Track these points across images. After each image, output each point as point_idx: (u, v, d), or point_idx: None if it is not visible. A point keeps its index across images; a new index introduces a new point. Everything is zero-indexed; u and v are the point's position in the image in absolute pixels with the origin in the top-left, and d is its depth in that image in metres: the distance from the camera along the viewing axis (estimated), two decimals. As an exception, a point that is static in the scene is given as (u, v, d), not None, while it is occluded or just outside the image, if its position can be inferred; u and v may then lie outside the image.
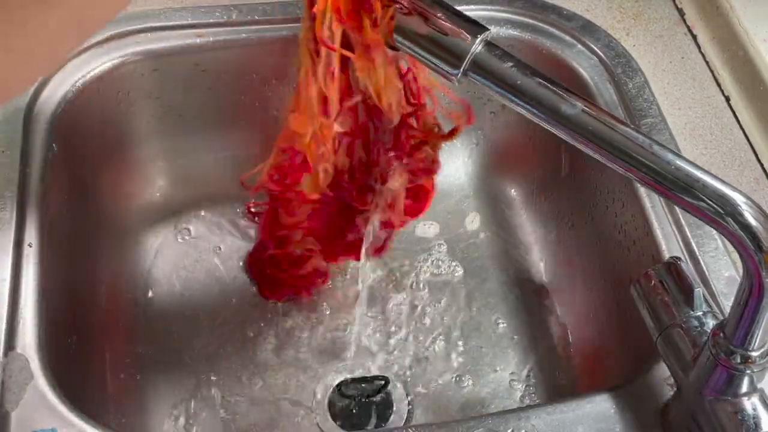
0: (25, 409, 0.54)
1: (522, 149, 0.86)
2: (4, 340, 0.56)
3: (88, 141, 0.76)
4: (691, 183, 0.41)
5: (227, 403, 0.73)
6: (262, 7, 0.78)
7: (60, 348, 0.61)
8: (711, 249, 0.64)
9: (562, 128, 0.43)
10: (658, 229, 0.67)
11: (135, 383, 0.73)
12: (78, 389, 0.63)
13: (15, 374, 0.55)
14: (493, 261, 0.84)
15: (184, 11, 0.78)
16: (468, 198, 0.88)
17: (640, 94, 0.75)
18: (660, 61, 0.80)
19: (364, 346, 0.77)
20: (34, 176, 0.66)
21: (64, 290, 0.65)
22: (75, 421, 0.53)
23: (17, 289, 0.59)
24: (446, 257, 0.84)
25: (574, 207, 0.81)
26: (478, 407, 0.74)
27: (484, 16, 0.80)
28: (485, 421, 0.55)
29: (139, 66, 0.76)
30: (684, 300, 0.53)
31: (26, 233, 0.62)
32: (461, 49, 0.44)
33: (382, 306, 0.80)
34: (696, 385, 0.50)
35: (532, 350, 0.78)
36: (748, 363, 0.46)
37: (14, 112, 0.69)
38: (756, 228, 0.40)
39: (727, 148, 0.73)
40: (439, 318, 0.79)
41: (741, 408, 0.49)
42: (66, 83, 0.72)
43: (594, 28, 0.80)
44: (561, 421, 0.56)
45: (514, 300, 0.81)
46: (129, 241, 0.81)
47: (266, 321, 0.78)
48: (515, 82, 0.43)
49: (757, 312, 0.44)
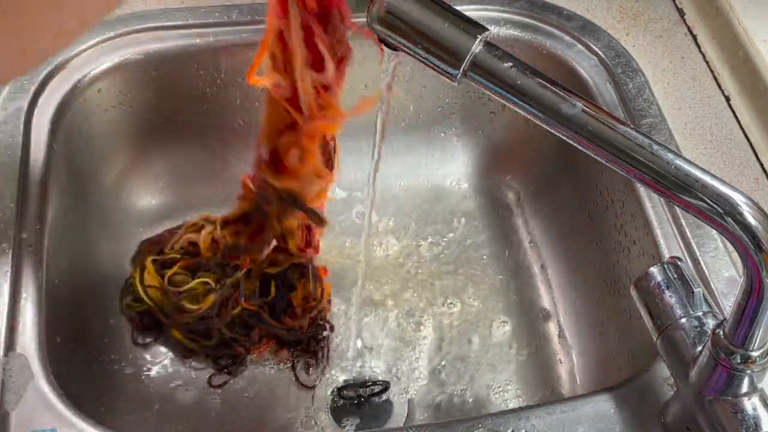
0: (25, 409, 0.54)
1: (522, 149, 0.86)
2: (4, 340, 0.56)
3: (88, 141, 0.76)
4: (691, 183, 0.41)
5: (227, 403, 0.73)
6: (262, 7, 0.78)
7: (60, 348, 0.61)
8: (711, 249, 0.64)
9: (562, 128, 0.43)
10: (658, 229, 0.67)
11: (135, 383, 0.73)
12: (78, 389, 0.63)
13: (15, 374, 0.55)
14: (492, 261, 0.84)
15: (184, 11, 0.78)
16: (467, 198, 0.88)
17: (640, 94, 0.75)
18: (660, 61, 0.80)
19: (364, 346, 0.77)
20: (34, 176, 0.66)
21: (64, 290, 0.65)
22: (75, 421, 0.53)
23: (17, 289, 0.59)
24: (446, 257, 0.84)
25: (574, 207, 0.81)
26: (478, 407, 0.74)
27: (484, 16, 0.80)
28: (485, 421, 0.55)
29: (139, 66, 0.76)
30: (684, 300, 0.53)
31: (26, 233, 0.62)
32: (461, 49, 0.44)
33: (382, 306, 0.80)
34: (696, 385, 0.50)
35: (532, 350, 0.78)
36: (748, 363, 0.46)
37: (14, 112, 0.69)
38: (756, 228, 0.40)
39: (727, 148, 0.73)
40: (438, 318, 0.79)
41: (741, 408, 0.49)
42: (66, 83, 0.72)
43: (594, 28, 0.80)
44: (561, 421, 0.56)
45: (514, 300, 0.81)
46: (129, 241, 0.81)
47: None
48: (515, 82, 0.43)
49: (757, 312, 0.44)
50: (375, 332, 0.78)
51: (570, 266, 0.81)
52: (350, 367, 0.76)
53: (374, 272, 0.82)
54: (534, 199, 0.87)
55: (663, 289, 0.54)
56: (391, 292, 0.81)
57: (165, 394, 0.73)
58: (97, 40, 0.75)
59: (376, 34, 0.47)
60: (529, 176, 0.87)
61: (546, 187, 0.86)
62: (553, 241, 0.84)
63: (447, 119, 0.88)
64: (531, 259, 0.84)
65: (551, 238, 0.84)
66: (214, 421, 0.72)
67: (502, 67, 0.44)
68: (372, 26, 0.47)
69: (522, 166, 0.87)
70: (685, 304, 0.53)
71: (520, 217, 0.87)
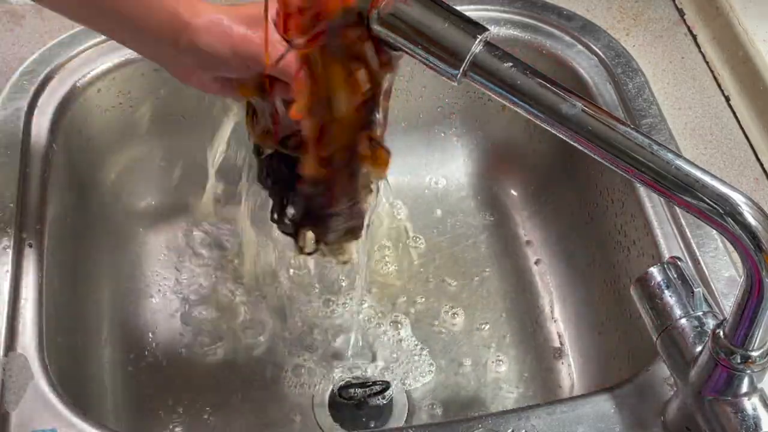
0: (25, 409, 0.54)
1: (522, 149, 0.86)
2: (4, 340, 0.56)
3: (88, 141, 0.76)
4: (691, 183, 0.41)
5: (228, 403, 0.73)
6: (262, 7, 0.77)
7: (60, 348, 0.61)
8: (711, 249, 0.64)
9: (562, 128, 0.43)
10: (658, 229, 0.67)
11: (135, 383, 0.73)
12: (78, 389, 0.63)
13: (15, 374, 0.55)
14: (492, 261, 0.84)
15: (184, 11, 0.78)
16: (467, 198, 0.88)
17: (640, 94, 0.75)
18: (660, 61, 0.80)
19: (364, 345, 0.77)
20: (34, 176, 0.66)
21: (64, 290, 0.65)
22: (75, 421, 0.53)
23: (17, 289, 0.59)
24: (445, 257, 0.84)
25: (574, 207, 0.81)
26: (478, 407, 0.74)
27: (484, 16, 0.80)
28: (485, 421, 0.55)
29: (139, 66, 0.76)
30: (684, 300, 0.53)
31: (26, 233, 0.62)
32: (461, 49, 0.44)
33: (382, 306, 0.80)
34: (696, 386, 0.50)
35: (532, 350, 0.78)
36: (748, 363, 0.46)
37: (14, 111, 0.69)
38: (756, 228, 0.40)
39: (727, 148, 0.73)
40: (438, 318, 0.79)
41: (741, 408, 0.49)
42: (66, 83, 0.72)
43: (594, 28, 0.80)
44: (561, 421, 0.56)
45: (514, 299, 0.81)
46: (129, 241, 0.81)
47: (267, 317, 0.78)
48: (515, 82, 0.43)
49: (757, 312, 0.44)
50: (375, 332, 0.78)
51: (570, 266, 0.81)
52: (350, 367, 0.76)
53: (374, 272, 0.82)
54: (534, 199, 0.87)
55: (663, 289, 0.54)
56: (391, 292, 0.81)
57: (165, 393, 0.73)
58: (98, 40, 0.75)
59: (377, 34, 0.47)
60: (529, 176, 0.87)
61: (546, 187, 0.86)
62: (552, 241, 0.84)
63: (447, 119, 0.88)
64: (531, 259, 0.84)
65: (551, 238, 0.84)
66: (213, 424, 0.72)
67: (502, 67, 0.44)
68: (372, 27, 0.47)
69: (522, 166, 0.87)
70: (685, 304, 0.53)
71: (520, 217, 0.87)
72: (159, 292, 0.79)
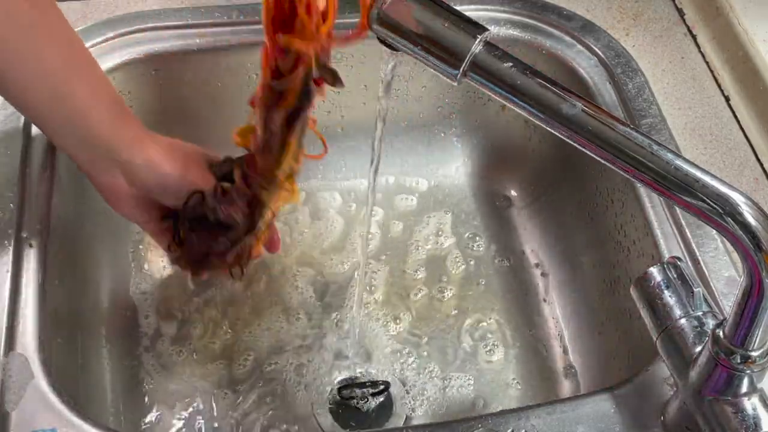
0: (25, 409, 0.54)
1: (522, 149, 0.86)
2: (4, 340, 0.56)
3: (88, 141, 0.76)
4: (691, 183, 0.41)
5: (227, 403, 0.73)
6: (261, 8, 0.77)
7: (60, 348, 0.61)
8: (711, 249, 0.64)
9: (562, 128, 0.43)
10: (658, 229, 0.67)
11: (135, 383, 0.73)
12: (78, 389, 0.63)
13: (15, 374, 0.55)
14: (492, 261, 0.84)
15: (184, 11, 0.78)
16: (467, 198, 0.88)
17: (640, 94, 0.75)
18: (660, 61, 0.80)
19: (364, 345, 0.77)
20: (34, 176, 0.66)
21: (64, 290, 0.65)
22: (75, 421, 0.53)
23: (17, 289, 0.59)
24: (445, 257, 0.84)
25: (574, 207, 0.81)
26: (478, 407, 0.74)
27: (484, 16, 0.80)
28: (485, 421, 0.55)
29: (139, 66, 0.76)
30: (684, 300, 0.53)
31: (26, 233, 0.62)
32: (461, 49, 0.44)
33: (381, 306, 0.80)
34: (696, 385, 0.50)
35: (532, 350, 0.78)
36: (748, 363, 0.46)
37: (15, 111, 0.69)
38: (756, 228, 0.40)
39: (727, 148, 0.73)
40: (437, 318, 0.79)
41: (741, 408, 0.48)
42: (66, 83, 0.72)
43: (594, 28, 0.80)
44: (561, 421, 0.56)
45: (513, 299, 0.81)
46: (129, 241, 0.81)
47: (266, 317, 0.78)
48: (515, 82, 0.43)
49: (757, 312, 0.44)
50: (375, 332, 0.78)
51: (570, 266, 0.81)
52: (350, 367, 0.76)
53: (374, 272, 0.82)
54: (534, 199, 0.87)
55: (663, 289, 0.54)
56: (391, 292, 0.81)
57: (165, 393, 0.73)
58: (98, 40, 0.75)
59: (377, 34, 0.47)
60: (529, 176, 0.87)
61: (546, 187, 0.86)
62: (552, 241, 0.84)
63: (447, 119, 0.88)
64: (530, 259, 0.84)
65: (551, 238, 0.84)
66: (213, 424, 0.72)
67: (502, 67, 0.44)
68: (372, 27, 0.47)
69: (522, 166, 0.87)
70: (685, 304, 0.53)
71: (520, 217, 0.87)
72: (158, 290, 0.79)
